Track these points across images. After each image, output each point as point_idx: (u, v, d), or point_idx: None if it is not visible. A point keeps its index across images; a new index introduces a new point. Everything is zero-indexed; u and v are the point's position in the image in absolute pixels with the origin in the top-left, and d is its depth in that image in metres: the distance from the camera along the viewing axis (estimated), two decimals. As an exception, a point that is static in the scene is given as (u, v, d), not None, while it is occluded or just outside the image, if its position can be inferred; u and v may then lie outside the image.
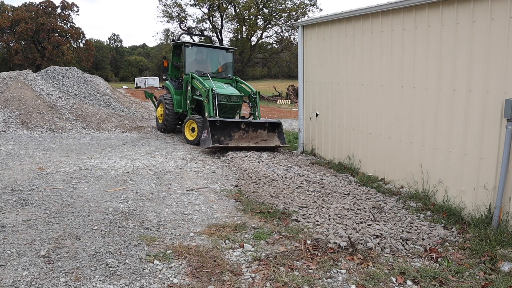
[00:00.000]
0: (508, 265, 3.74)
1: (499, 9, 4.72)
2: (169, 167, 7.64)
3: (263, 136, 9.61)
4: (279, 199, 5.70)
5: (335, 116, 8.31)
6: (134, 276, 3.47)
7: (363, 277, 3.56)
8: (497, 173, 4.76)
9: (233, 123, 9.41)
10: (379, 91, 6.92)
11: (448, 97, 5.48)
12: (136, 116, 15.11)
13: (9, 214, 4.73)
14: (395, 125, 6.56)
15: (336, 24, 8.02)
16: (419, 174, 6.03)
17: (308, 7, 39.55)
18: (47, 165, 7.29)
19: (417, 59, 6.03)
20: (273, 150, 9.56)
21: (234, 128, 9.36)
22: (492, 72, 4.84)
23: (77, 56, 65.10)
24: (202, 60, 11.75)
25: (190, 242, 4.24)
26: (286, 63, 45.00)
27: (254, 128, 9.56)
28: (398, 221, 5.00)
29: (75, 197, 5.51)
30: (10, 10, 64.48)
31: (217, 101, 9.80)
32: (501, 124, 4.73)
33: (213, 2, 39.19)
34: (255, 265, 3.75)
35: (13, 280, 3.28)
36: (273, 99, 37.26)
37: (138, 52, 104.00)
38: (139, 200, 5.58)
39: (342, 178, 7.09)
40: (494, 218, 4.68)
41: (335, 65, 8.17)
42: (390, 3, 6.40)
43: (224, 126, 9.22)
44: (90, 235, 4.27)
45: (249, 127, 9.52)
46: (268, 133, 9.69)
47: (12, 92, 12.56)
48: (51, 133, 11.03)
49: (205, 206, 5.47)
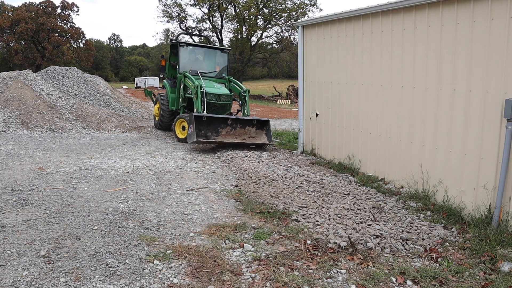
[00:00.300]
0: (508, 265, 3.74)
1: (499, 9, 4.72)
2: (169, 167, 7.64)
3: (251, 133, 9.76)
4: (279, 199, 5.70)
5: (335, 116, 8.31)
6: (134, 276, 3.47)
7: (363, 277, 3.56)
8: (497, 173, 4.76)
9: (220, 119, 9.56)
10: (379, 91, 6.91)
11: (448, 97, 5.48)
12: (136, 116, 15.12)
13: (9, 214, 4.73)
14: (395, 125, 6.56)
15: (336, 24, 8.02)
16: (419, 174, 6.03)
17: (308, 7, 39.53)
18: (47, 165, 7.29)
19: (417, 59, 6.03)
20: (259, 147, 9.69)
21: (222, 124, 9.54)
22: (492, 72, 4.84)
23: (77, 56, 65.09)
24: (197, 60, 11.98)
25: (190, 242, 4.24)
26: (286, 63, 44.97)
27: (242, 125, 9.73)
28: (398, 221, 5.00)
29: (75, 197, 5.51)
30: (10, 10, 64.46)
31: (205, 99, 9.98)
32: (501, 124, 4.73)
33: (213, 2, 39.17)
34: (255, 265, 3.75)
35: (13, 280, 3.28)
36: (273, 99, 37.30)
37: (138, 52, 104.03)
38: (139, 200, 5.58)
39: (342, 178, 7.09)
40: (494, 218, 4.68)
41: (335, 65, 8.17)
42: (390, 3, 6.40)
43: (211, 122, 9.39)
44: (90, 235, 4.27)
45: (237, 124, 9.69)
46: (257, 130, 9.83)
47: (12, 92, 12.56)
48: (51, 133, 11.03)
49: (205, 206, 5.47)
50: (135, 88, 51.34)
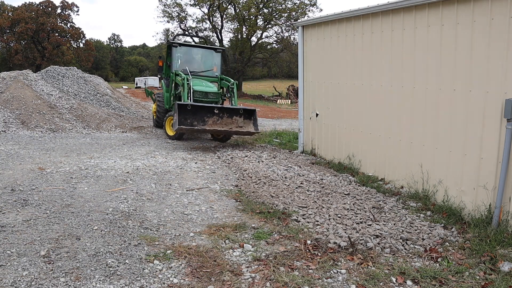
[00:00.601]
0: (508, 265, 3.74)
1: (499, 9, 4.72)
2: (169, 167, 7.64)
3: (238, 122, 9.85)
4: (279, 199, 5.70)
5: (335, 116, 8.30)
6: (134, 276, 3.47)
7: (363, 277, 3.56)
8: (497, 173, 4.76)
9: (207, 108, 9.66)
10: (379, 91, 6.91)
11: (448, 97, 5.48)
12: (136, 116, 15.12)
13: (9, 214, 4.73)
14: (395, 125, 6.56)
15: (336, 24, 8.02)
16: (419, 174, 6.03)
17: (308, 7, 39.52)
18: (47, 165, 7.29)
19: (417, 59, 6.02)
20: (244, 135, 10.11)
21: (208, 114, 9.65)
22: (492, 72, 4.84)
23: (77, 56, 65.07)
24: (190, 60, 12.27)
25: (190, 242, 4.24)
26: (286, 63, 44.93)
27: (229, 114, 9.82)
28: (398, 221, 5.00)
29: (75, 197, 5.51)
30: (10, 10, 64.44)
31: (193, 97, 10.21)
32: (501, 124, 4.73)
33: (213, 2, 39.16)
34: (255, 265, 3.75)
35: (13, 280, 3.28)
36: (273, 99, 37.29)
37: (138, 52, 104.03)
38: (139, 200, 5.58)
39: (342, 178, 7.09)
40: (494, 218, 4.68)
41: (335, 65, 8.17)
42: (390, 3, 6.40)
43: (198, 111, 9.53)
44: (90, 235, 4.27)
45: (224, 113, 9.78)
46: (244, 120, 9.90)
47: (12, 92, 12.56)
48: (51, 133, 11.03)
49: (205, 206, 5.47)
50: (135, 88, 51.35)
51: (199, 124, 9.50)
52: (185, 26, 42.41)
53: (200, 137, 11.89)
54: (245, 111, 9.96)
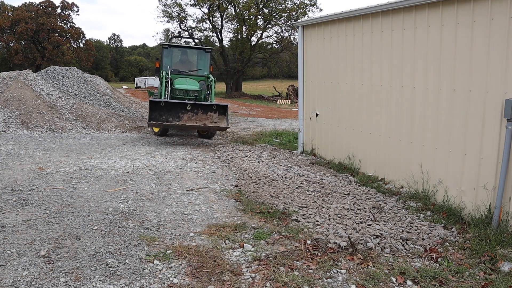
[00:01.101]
0: (508, 265, 3.74)
1: (499, 9, 4.72)
2: (169, 167, 7.64)
3: (213, 118, 10.27)
4: (279, 199, 5.70)
5: (335, 116, 8.30)
6: (134, 276, 3.47)
7: (363, 277, 3.56)
8: (497, 173, 4.76)
9: (181, 105, 10.08)
10: (379, 91, 6.91)
11: (448, 97, 5.48)
12: (136, 116, 15.12)
13: (9, 214, 4.73)
14: (395, 125, 6.56)
15: (336, 24, 8.02)
16: (419, 174, 6.03)
17: (308, 7, 39.51)
18: (47, 165, 7.29)
19: (417, 59, 6.02)
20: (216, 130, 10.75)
21: (183, 110, 10.05)
22: (492, 72, 4.84)
23: (77, 56, 65.08)
24: (179, 60, 12.60)
25: (190, 242, 4.24)
26: (286, 63, 44.91)
27: (203, 110, 10.21)
28: (398, 221, 5.00)
29: (75, 197, 5.51)
30: (10, 10, 64.47)
31: (174, 95, 10.78)
32: (501, 124, 4.73)
33: (213, 2, 39.14)
34: (255, 265, 3.75)
35: (13, 280, 3.28)
36: (273, 99, 37.26)
37: (138, 52, 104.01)
38: (139, 200, 5.58)
39: (342, 178, 7.09)
40: (494, 218, 4.68)
41: (335, 65, 8.17)
42: (390, 3, 6.40)
43: (172, 108, 9.95)
44: (90, 235, 4.27)
45: (198, 109, 10.18)
46: (219, 116, 10.30)
47: (12, 92, 12.56)
48: (51, 133, 11.03)
49: (205, 206, 5.47)
50: (135, 88, 51.37)
51: (174, 120, 9.94)
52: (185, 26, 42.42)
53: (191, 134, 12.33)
54: (219, 107, 10.33)
